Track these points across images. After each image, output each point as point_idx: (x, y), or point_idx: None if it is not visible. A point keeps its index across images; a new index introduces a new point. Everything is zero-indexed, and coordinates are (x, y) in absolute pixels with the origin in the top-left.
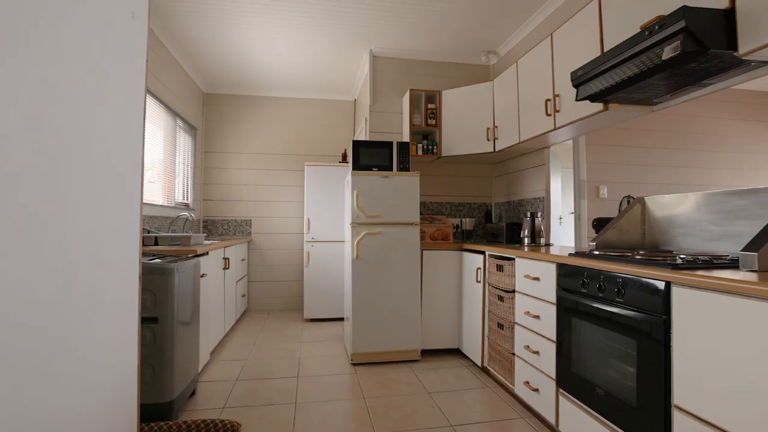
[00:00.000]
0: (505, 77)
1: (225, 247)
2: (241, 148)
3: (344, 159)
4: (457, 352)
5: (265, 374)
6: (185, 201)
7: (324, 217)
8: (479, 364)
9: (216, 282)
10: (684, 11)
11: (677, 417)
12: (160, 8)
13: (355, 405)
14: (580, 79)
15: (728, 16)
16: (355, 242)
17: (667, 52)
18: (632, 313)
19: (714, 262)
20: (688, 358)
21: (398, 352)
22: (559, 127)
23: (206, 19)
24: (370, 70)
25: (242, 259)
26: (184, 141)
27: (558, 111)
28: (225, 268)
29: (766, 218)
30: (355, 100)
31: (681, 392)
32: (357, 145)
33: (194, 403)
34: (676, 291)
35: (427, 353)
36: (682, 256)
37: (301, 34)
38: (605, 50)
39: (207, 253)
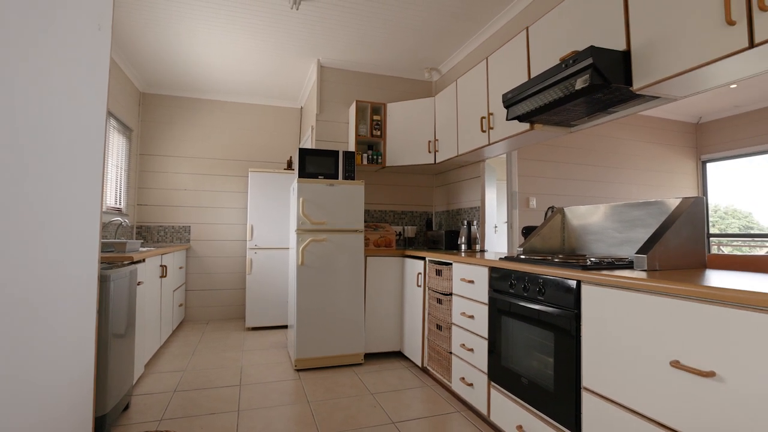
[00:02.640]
0: (445, 94)
1: (162, 254)
2: (181, 151)
3: (290, 166)
4: (399, 355)
5: (205, 384)
6: (117, 205)
7: (268, 224)
8: (420, 365)
9: (152, 291)
10: (592, 50)
11: (585, 397)
12: None
13: (299, 409)
14: (510, 100)
15: (625, 57)
16: (301, 249)
17: (579, 83)
18: (551, 309)
19: (616, 264)
20: (593, 345)
21: (342, 357)
22: (493, 143)
23: (145, 15)
24: (317, 80)
25: (180, 267)
26: (117, 142)
27: (492, 128)
28: (162, 276)
29: (655, 226)
30: (302, 107)
31: (588, 375)
32: (303, 153)
33: (128, 417)
34: (584, 288)
35: (370, 356)
36: (592, 259)
37: (247, 39)
38: (532, 76)
39: (144, 260)
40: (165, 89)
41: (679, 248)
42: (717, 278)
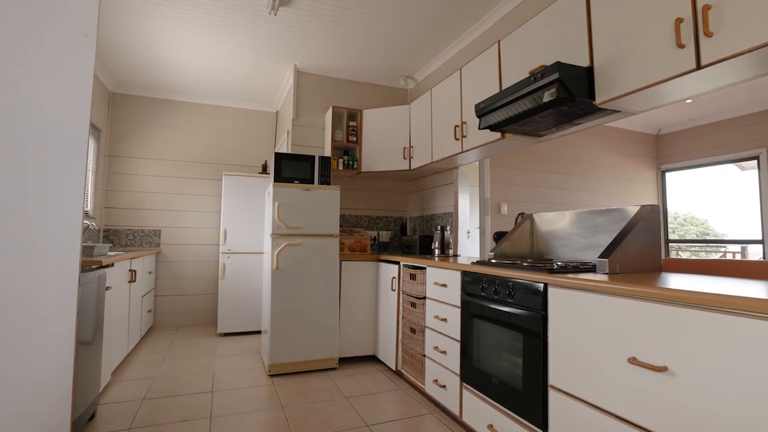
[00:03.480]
0: (420, 102)
1: (132, 258)
2: (151, 153)
3: (264, 170)
4: (373, 359)
5: (176, 391)
6: (84, 208)
7: (242, 228)
8: (394, 368)
9: (121, 296)
10: (558, 65)
11: (552, 394)
12: None
13: (273, 414)
14: (482, 111)
15: (589, 73)
16: (275, 253)
17: (546, 96)
18: (520, 311)
19: (580, 267)
20: (559, 344)
21: (316, 361)
22: (465, 151)
23: (118, 15)
24: (294, 85)
25: (149, 272)
26: None
27: (465, 136)
28: (131, 281)
29: (616, 232)
30: (277, 111)
31: (554, 374)
32: (279, 157)
33: (94, 427)
34: (551, 291)
35: (344, 360)
36: (558, 263)
37: (223, 42)
38: (503, 87)
39: (112, 265)
40: (136, 89)
41: (638, 253)
42: (670, 280)
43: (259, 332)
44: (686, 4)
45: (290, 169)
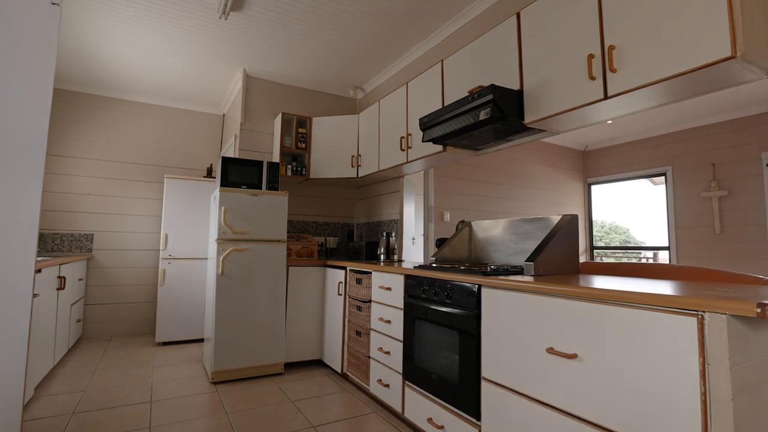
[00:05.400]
0: (369, 112)
1: (61, 264)
2: (86, 153)
3: (209, 174)
4: (319, 363)
5: (110, 403)
6: None
7: (184, 233)
8: (339, 371)
9: (48, 304)
10: (492, 87)
11: (484, 385)
12: None
13: (218, 421)
14: (426, 124)
15: (519, 96)
16: (221, 258)
17: (482, 115)
18: (457, 311)
19: (510, 270)
20: (490, 339)
21: (262, 367)
22: (410, 161)
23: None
24: (242, 89)
25: (80, 279)
26: None
27: (410, 147)
28: (60, 288)
29: (542, 238)
30: (224, 114)
31: (486, 367)
32: (226, 161)
33: None
34: (484, 291)
35: (291, 366)
36: (492, 266)
37: (171, 42)
38: (446, 103)
39: (40, 271)
40: (71, 84)
41: (559, 257)
42: (582, 281)
43: (201, 340)
44: (596, 43)
45: (238, 173)
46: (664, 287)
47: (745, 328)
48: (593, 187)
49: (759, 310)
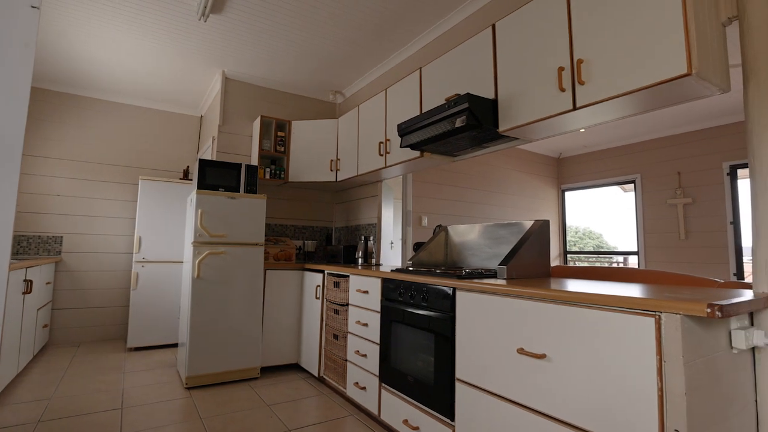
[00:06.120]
0: (348, 117)
1: (28, 267)
2: (56, 152)
3: (186, 176)
4: (296, 367)
5: (78, 411)
6: None
7: (159, 236)
8: (316, 375)
9: (14, 309)
10: (468, 96)
11: (458, 386)
12: None
13: (191, 426)
14: (404, 130)
15: (494, 104)
16: (197, 262)
17: (458, 122)
18: (433, 313)
19: (484, 274)
20: (464, 341)
21: (237, 372)
22: (389, 166)
23: None
24: (221, 91)
25: (47, 283)
26: None
27: (389, 152)
28: (26, 293)
29: (515, 243)
30: (202, 116)
31: (460, 368)
32: (204, 163)
33: None
34: (459, 294)
35: (267, 370)
36: (467, 270)
37: (148, 42)
38: (423, 110)
39: None
40: (43, 82)
41: (530, 261)
42: (551, 284)
43: (175, 345)
44: (566, 56)
45: (215, 176)
46: (626, 290)
47: (698, 327)
48: (567, 194)
49: (709, 310)
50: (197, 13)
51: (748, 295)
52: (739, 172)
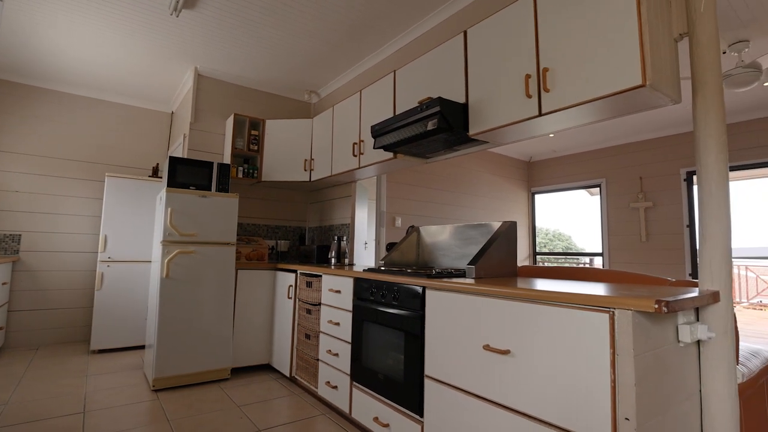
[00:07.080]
0: (323, 117)
1: None
2: (13, 147)
3: (155, 173)
4: (268, 367)
5: (37, 416)
6: None
7: (125, 235)
8: (288, 375)
9: None
10: (440, 100)
11: (427, 383)
12: None
13: (158, 428)
14: (377, 132)
15: (464, 109)
16: (166, 261)
17: (430, 125)
18: (403, 312)
19: (453, 273)
20: (433, 338)
21: (207, 373)
22: (362, 167)
23: None
24: (193, 88)
25: (3, 283)
26: None
27: (362, 153)
28: None
29: (483, 243)
30: (173, 112)
31: (429, 365)
32: (174, 161)
33: None
34: (428, 293)
35: (238, 371)
36: (437, 270)
37: (117, 35)
38: (397, 112)
39: None
40: (2, 73)
41: (498, 260)
42: (517, 283)
43: (142, 347)
44: (533, 64)
45: (186, 174)
46: (585, 288)
47: (647, 322)
48: (537, 196)
49: (656, 306)
50: (169, 6)
51: (694, 292)
52: (694, 178)
